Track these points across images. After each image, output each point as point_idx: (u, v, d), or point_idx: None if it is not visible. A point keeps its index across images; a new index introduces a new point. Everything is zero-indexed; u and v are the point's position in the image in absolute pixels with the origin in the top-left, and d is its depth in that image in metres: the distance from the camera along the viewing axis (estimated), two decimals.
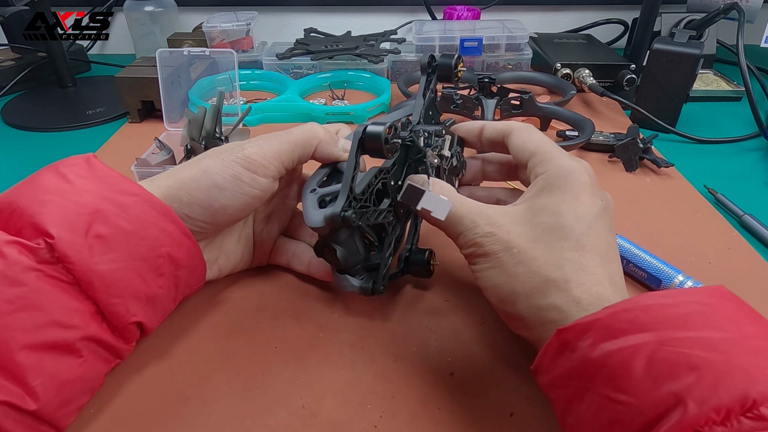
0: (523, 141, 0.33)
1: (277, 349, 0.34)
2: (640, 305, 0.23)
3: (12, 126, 0.68)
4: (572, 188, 0.28)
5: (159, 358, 0.33)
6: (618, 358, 0.22)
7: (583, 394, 0.23)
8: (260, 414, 0.30)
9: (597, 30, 0.93)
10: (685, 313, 0.22)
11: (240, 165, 0.32)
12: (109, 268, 0.27)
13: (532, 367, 0.26)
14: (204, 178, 0.32)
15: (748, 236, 0.45)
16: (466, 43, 0.75)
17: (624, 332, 0.22)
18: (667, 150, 0.59)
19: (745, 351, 0.21)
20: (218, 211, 0.32)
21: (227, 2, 0.92)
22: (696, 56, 0.58)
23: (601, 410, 0.22)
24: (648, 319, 0.22)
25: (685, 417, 0.19)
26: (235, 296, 0.38)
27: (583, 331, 0.23)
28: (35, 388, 0.24)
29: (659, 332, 0.21)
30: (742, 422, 0.19)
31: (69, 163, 0.30)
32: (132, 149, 0.57)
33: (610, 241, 0.28)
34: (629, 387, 0.21)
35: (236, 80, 0.62)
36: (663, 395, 0.20)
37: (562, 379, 0.24)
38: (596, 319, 0.23)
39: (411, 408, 0.30)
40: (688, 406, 0.19)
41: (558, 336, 0.24)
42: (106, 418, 0.29)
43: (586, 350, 0.23)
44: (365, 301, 0.37)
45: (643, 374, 0.21)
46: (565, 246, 0.27)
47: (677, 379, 0.20)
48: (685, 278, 0.36)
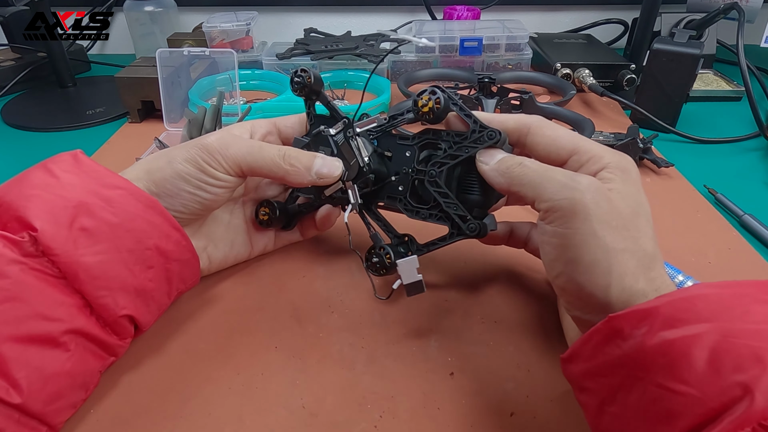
0: (552, 139, 0.30)
1: (277, 349, 0.34)
2: (699, 294, 0.22)
3: (12, 126, 0.68)
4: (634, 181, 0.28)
5: (159, 358, 0.33)
6: (678, 348, 0.21)
7: (633, 383, 0.22)
8: (260, 414, 0.30)
9: (597, 30, 0.93)
10: (744, 303, 0.22)
11: (200, 158, 0.33)
12: (95, 260, 0.27)
13: (566, 355, 0.26)
14: (168, 168, 0.32)
15: (748, 236, 0.45)
16: (466, 43, 0.75)
17: (683, 322, 0.21)
18: (667, 150, 0.59)
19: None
20: (188, 201, 0.33)
21: (227, 2, 0.92)
22: (696, 56, 0.58)
23: (656, 401, 0.21)
24: (707, 309, 0.22)
25: (752, 408, 0.19)
26: (234, 296, 0.38)
27: (639, 319, 0.23)
28: (19, 381, 0.24)
29: (720, 323, 0.21)
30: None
31: (57, 159, 0.30)
32: (132, 149, 0.57)
33: None
34: (690, 377, 0.20)
35: (236, 80, 0.62)
36: (727, 386, 0.19)
37: (609, 367, 0.23)
38: (653, 307, 0.23)
39: (411, 408, 0.30)
40: (756, 397, 0.19)
41: (608, 323, 0.24)
42: (106, 418, 0.29)
43: (641, 338, 0.22)
44: (365, 300, 0.37)
45: (705, 365, 0.20)
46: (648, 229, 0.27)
47: (742, 370, 0.19)
48: (685, 278, 0.36)
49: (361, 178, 0.35)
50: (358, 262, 0.41)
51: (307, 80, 0.37)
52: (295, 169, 0.34)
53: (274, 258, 0.41)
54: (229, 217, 0.39)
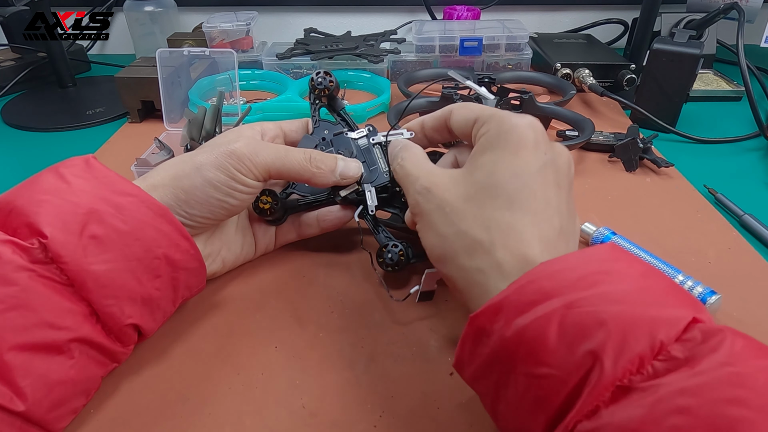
0: (464, 114, 0.31)
1: (277, 349, 0.34)
2: (544, 273, 0.22)
3: (12, 126, 0.68)
4: (511, 144, 0.27)
5: (159, 357, 0.33)
6: (532, 332, 0.21)
7: (507, 378, 0.22)
8: (260, 414, 0.30)
9: (597, 30, 0.93)
10: (586, 273, 0.22)
11: (231, 165, 0.32)
12: (103, 268, 0.27)
13: (454, 364, 0.26)
14: (197, 176, 0.32)
15: (748, 236, 0.45)
16: (466, 43, 0.75)
17: (533, 304, 0.22)
18: (667, 150, 0.59)
19: (644, 299, 0.21)
20: (216, 207, 0.33)
21: (227, 2, 0.92)
22: (696, 56, 0.58)
23: (527, 390, 0.22)
24: (553, 286, 0.22)
25: (604, 374, 0.19)
26: (234, 296, 0.38)
27: (494, 312, 0.23)
28: (24, 389, 0.24)
29: (565, 296, 0.21)
30: (656, 366, 0.19)
31: (68, 164, 0.30)
32: (132, 149, 0.57)
33: (551, 197, 0.27)
34: (547, 358, 0.21)
35: (236, 80, 0.62)
36: (579, 358, 0.20)
37: (485, 367, 0.24)
38: (505, 297, 0.23)
39: (411, 408, 0.30)
40: (605, 363, 0.19)
41: (471, 324, 0.24)
42: (106, 418, 0.29)
43: (500, 331, 0.22)
44: (365, 300, 0.37)
45: (558, 341, 0.21)
46: (495, 204, 0.26)
47: (589, 338, 0.20)
48: (685, 278, 0.36)
49: (380, 182, 0.37)
50: (358, 262, 0.41)
51: (329, 83, 0.39)
52: (321, 171, 0.35)
53: (274, 258, 0.41)
54: (237, 219, 0.39)
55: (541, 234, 0.25)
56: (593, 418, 0.19)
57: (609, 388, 0.19)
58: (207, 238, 0.36)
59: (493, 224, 0.26)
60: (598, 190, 0.51)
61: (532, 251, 0.25)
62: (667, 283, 0.23)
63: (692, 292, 0.35)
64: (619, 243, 0.40)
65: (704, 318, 0.21)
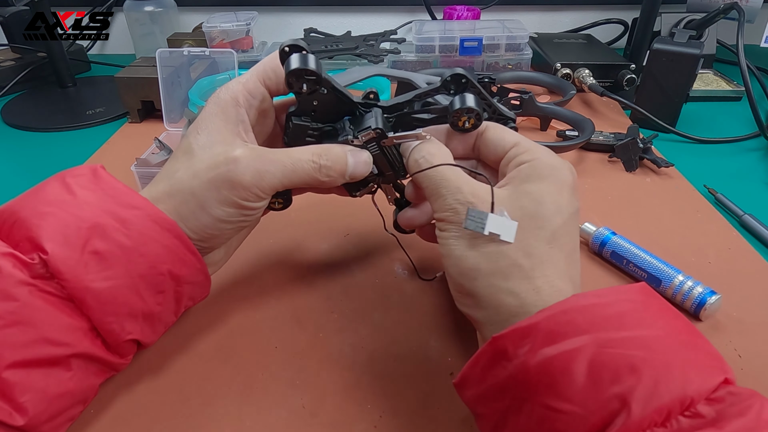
0: (500, 134, 0.31)
1: (277, 349, 0.34)
2: (576, 306, 0.22)
3: (12, 126, 0.68)
4: (558, 181, 0.28)
5: (159, 358, 0.33)
6: (559, 364, 0.21)
7: (520, 405, 0.22)
8: (260, 414, 0.30)
9: (597, 30, 0.93)
10: (619, 312, 0.22)
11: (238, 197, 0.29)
12: (105, 285, 0.26)
13: (457, 381, 0.25)
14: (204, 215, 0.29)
15: (748, 236, 0.45)
16: (466, 43, 0.75)
17: (563, 336, 0.21)
18: (667, 150, 0.59)
19: (677, 348, 0.21)
20: (230, 234, 0.32)
21: (227, 2, 0.92)
22: (696, 56, 0.58)
23: (542, 422, 0.21)
24: (585, 321, 0.22)
25: (629, 420, 0.19)
26: (234, 296, 0.38)
27: (521, 337, 0.22)
28: (24, 404, 0.24)
29: (597, 333, 0.21)
30: (681, 421, 0.19)
31: (76, 173, 0.29)
32: (132, 149, 0.57)
33: (577, 243, 0.28)
34: (572, 394, 0.20)
35: None
36: (606, 399, 0.20)
37: (497, 390, 0.23)
38: (534, 323, 0.22)
39: (411, 408, 0.30)
40: (632, 408, 0.19)
41: (493, 344, 0.23)
42: (106, 418, 0.29)
43: (524, 357, 0.22)
44: (365, 300, 0.37)
45: (585, 379, 0.20)
46: (539, 235, 0.26)
47: (619, 381, 0.20)
48: (685, 278, 0.36)
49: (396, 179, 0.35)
50: (358, 262, 0.41)
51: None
52: (331, 178, 0.32)
53: (275, 258, 0.41)
54: None
55: (571, 275, 0.26)
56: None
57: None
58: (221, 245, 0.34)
59: (536, 253, 0.26)
60: (598, 190, 0.51)
61: (566, 287, 0.25)
62: (697, 336, 0.22)
63: (692, 292, 0.35)
64: (619, 243, 0.40)
65: (733, 379, 0.21)
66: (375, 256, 0.42)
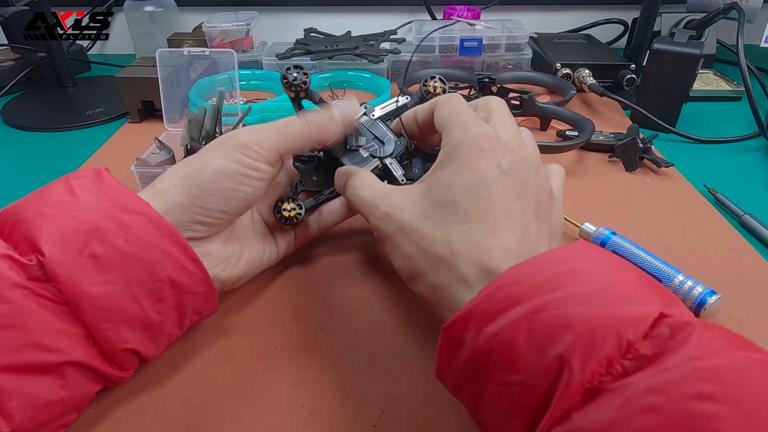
0: (440, 114, 0.31)
1: (277, 349, 0.34)
2: (512, 279, 0.22)
3: (12, 126, 0.67)
4: (463, 158, 0.27)
5: (158, 358, 0.33)
6: (501, 339, 0.21)
7: (483, 386, 0.22)
8: (260, 414, 0.30)
9: (597, 30, 0.93)
10: (553, 275, 0.22)
11: (239, 152, 0.32)
12: (101, 290, 0.26)
13: (436, 375, 0.25)
14: (208, 168, 0.31)
15: (748, 236, 0.45)
16: (466, 43, 0.75)
17: (501, 310, 0.21)
18: (667, 150, 0.59)
19: (612, 298, 0.21)
20: (231, 198, 0.32)
21: (227, 2, 0.92)
22: (696, 56, 0.59)
23: (501, 398, 0.21)
24: (521, 290, 0.22)
25: (573, 378, 0.19)
26: (234, 296, 0.38)
27: (465, 321, 0.23)
28: (10, 410, 0.23)
29: (533, 300, 0.21)
30: (624, 365, 0.19)
31: (80, 175, 0.29)
32: (132, 149, 0.57)
33: (513, 207, 0.26)
34: (518, 365, 0.21)
35: (236, 80, 0.62)
36: (548, 362, 0.20)
37: (462, 377, 0.23)
38: (474, 305, 0.22)
39: (411, 408, 0.30)
40: (573, 365, 0.19)
41: (444, 335, 0.24)
42: (106, 418, 0.29)
43: (472, 340, 0.22)
44: (365, 300, 0.37)
45: (527, 347, 0.20)
46: (452, 220, 0.26)
47: (557, 342, 0.20)
48: (685, 278, 0.36)
49: (399, 151, 0.37)
50: (358, 262, 0.41)
51: (303, 76, 0.37)
52: (324, 128, 0.34)
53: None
54: (251, 221, 0.38)
55: (501, 244, 0.25)
56: (565, 422, 0.19)
57: (579, 391, 0.19)
58: (226, 239, 0.34)
59: (454, 239, 0.26)
60: (598, 190, 0.51)
61: (493, 261, 0.25)
62: (637, 278, 0.22)
63: (692, 292, 0.35)
64: (619, 243, 0.40)
65: (674, 312, 0.20)
66: (375, 256, 0.42)
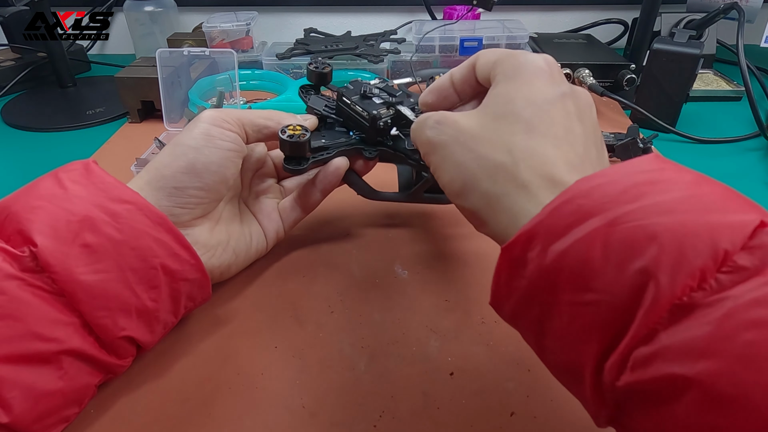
0: (487, 57, 0.29)
1: (277, 349, 0.34)
2: (580, 191, 0.20)
3: (12, 126, 0.67)
4: (524, 75, 0.26)
5: (159, 357, 0.33)
6: (573, 256, 0.19)
7: (550, 309, 0.20)
8: (260, 414, 0.30)
9: (597, 30, 0.93)
10: (629, 185, 0.20)
11: (205, 123, 0.33)
12: (95, 278, 0.26)
13: (491, 302, 0.24)
14: (176, 147, 0.33)
15: None
16: (466, 43, 0.75)
17: (570, 226, 0.19)
18: (667, 150, 0.59)
19: (700, 206, 0.19)
20: (203, 171, 0.32)
21: (227, 2, 0.92)
22: (696, 56, 0.58)
23: (573, 320, 0.19)
24: (593, 204, 0.19)
25: (660, 293, 0.17)
26: (234, 296, 0.38)
27: (528, 240, 0.21)
28: (9, 401, 0.24)
29: (607, 213, 0.19)
30: (720, 279, 0.17)
31: (68, 168, 0.30)
32: (132, 149, 0.57)
33: (574, 126, 0.25)
34: (593, 283, 0.18)
35: (236, 80, 0.62)
36: (630, 278, 0.18)
37: (524, 302, 0.21)
38: (538, 221, 0.20)
39: (411, 408, 0.30)
40: (660, 280, 0.17)
41: (504, 256, 0.22)
42: (106, 418, 0.29)
43: (537, 260, 0.20)
44: (365, 300, 0.37)
45: (603, 263, 0.18)
46: (513, 130, 0.24)
47: (639, 255, 0.18)
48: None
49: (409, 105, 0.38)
50: (358, 262, 0.41)
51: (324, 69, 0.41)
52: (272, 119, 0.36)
53: (274, 258, 0.41)
54: (237, 210, 0.38)
55: (566, 157, 0.23)
56: (651, 342, 0.17)
57: (666, 308, 0.17)
58: (212, 227, 0.35)
59: (515, 147, 0.24)
60: None
61: (559, 171, 0.23)
62: (724, 189, 0.20)
63: None
64: None
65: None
66: (375, 256, 0.42)
